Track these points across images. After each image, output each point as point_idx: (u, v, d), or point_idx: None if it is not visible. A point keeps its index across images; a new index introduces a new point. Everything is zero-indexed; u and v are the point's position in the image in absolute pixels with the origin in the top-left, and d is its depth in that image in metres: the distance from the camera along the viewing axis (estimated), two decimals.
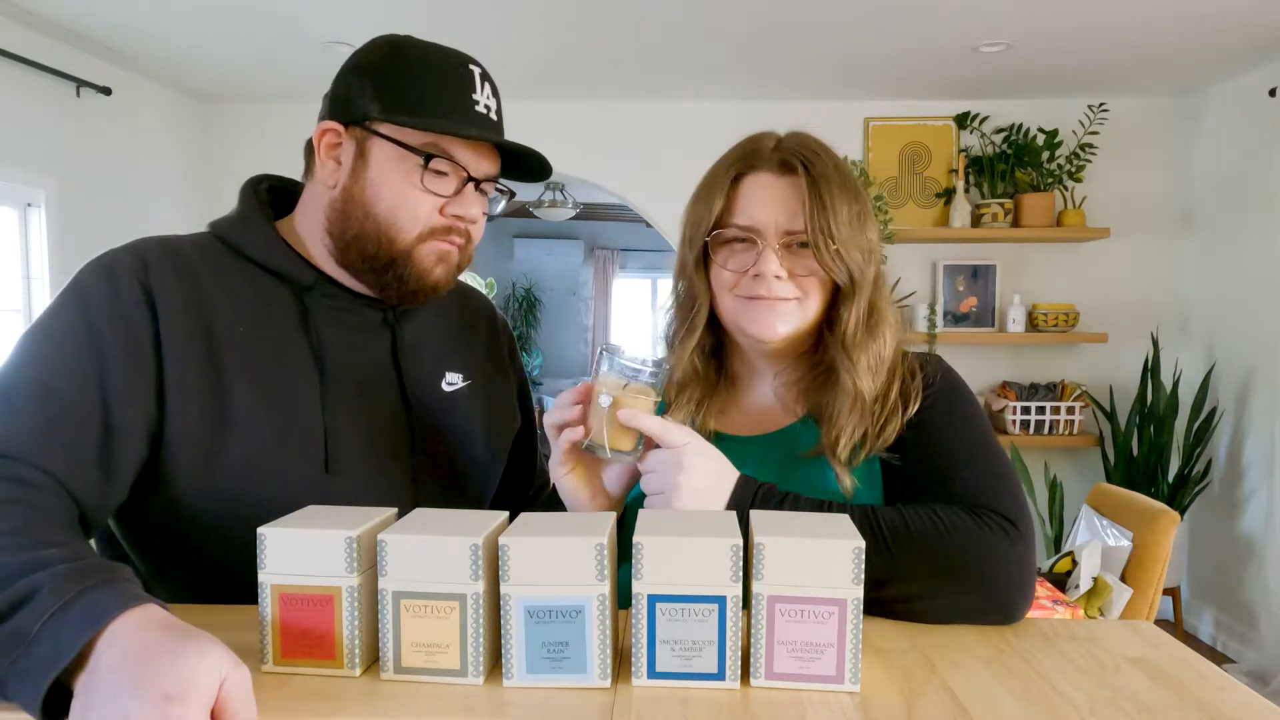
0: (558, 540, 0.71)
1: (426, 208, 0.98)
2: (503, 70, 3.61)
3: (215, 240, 1.03)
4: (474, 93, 1.00)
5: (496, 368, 1.22)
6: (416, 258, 0.99)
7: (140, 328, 0.92)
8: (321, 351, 1.01)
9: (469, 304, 1.23)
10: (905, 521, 0.87)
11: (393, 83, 0.98)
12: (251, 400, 0.95)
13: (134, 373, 0.90)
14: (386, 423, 1.05)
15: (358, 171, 0.99)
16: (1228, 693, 0.72)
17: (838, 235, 0.97)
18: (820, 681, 0.71)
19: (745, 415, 1.08)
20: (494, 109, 1.03)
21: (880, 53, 3.39)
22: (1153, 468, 3.74)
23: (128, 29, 3.16)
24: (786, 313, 1.00)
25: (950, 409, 1.00)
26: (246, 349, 0.97)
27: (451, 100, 0.98)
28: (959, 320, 4.05)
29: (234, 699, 0.60)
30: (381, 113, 0.97)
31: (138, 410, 0.90)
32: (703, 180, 1.05)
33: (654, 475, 0.88)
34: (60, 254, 3.26)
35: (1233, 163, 3.72)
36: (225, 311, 0.97)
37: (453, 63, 1.00)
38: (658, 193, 4.11)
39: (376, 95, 0.98)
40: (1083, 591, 1.83)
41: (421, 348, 1.11)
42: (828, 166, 0.99)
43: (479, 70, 1.02)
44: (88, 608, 0.63)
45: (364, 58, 1.01)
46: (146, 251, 0.97)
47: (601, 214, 8.28)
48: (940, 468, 0.95)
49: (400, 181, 0.97)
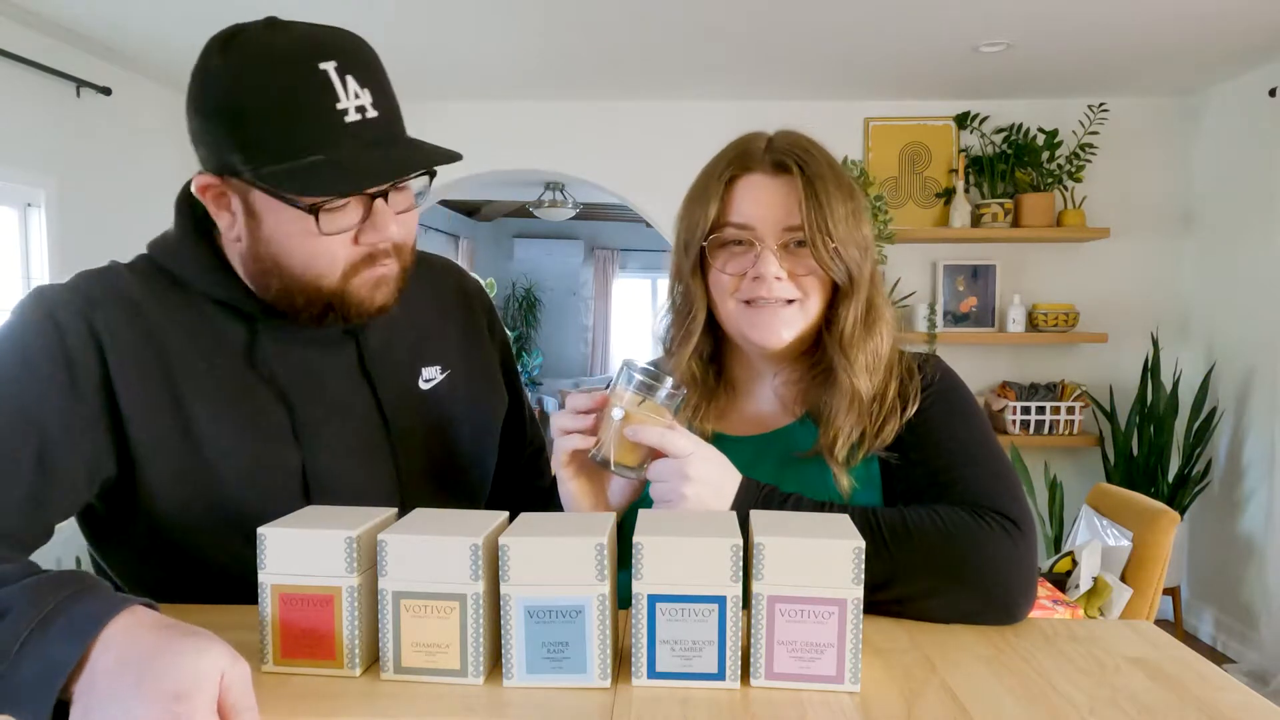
0: (558, 540, 0.71)
1: (339, 248, 0.89)
2: (503, 70, 3.64)
3: (155, 266, 0.96)
4: (337, 101, 0.84)
5: (476, 345, 1.16)
6: (351, 293, 0.92)
7: (85, 369, 0.87)
8: (280, 383, 0.95)
9: (437, 283, 1.15)
10: (905, 522, 0.87)
11: (243, 125, 0.85)
12: (222, 440, 0.91)
13: (76, 417, 0.85)
14: (364, 438, 1.00)
15: (253, 229, 0.90)
16: (1228, 693, 0.72)
17: (835, 233, 0.97)
18: (820, 681, 0.71)
19: (744, 416, 1.08)
20: (368, 103, 0.86)
21: (880, 53, 3.39)
22: (1153, 468, 3.74)
23: (128, 29, 3.16)
24: (789, 318, 0.99)
25: (950, 408, 1.00)
26: (206, 385, 0.92)
27: (316, 126, 0.84)
28: (959, 320, 4.05)
29: (234, 692, 0.61)
30: (245, 163, 0.85)
31: (79, 455, 0.85)
32: (695, 184, 1.04)
33: (661, 485, 0.88)
34: (60, 254, 3.26)
35: (1233, 163, 3.72)
36: (179, 346, 0.92)
37: (302, 71, 0.84)
38: (658, 193, 4.11)
39: (233, 144, 0.86)
40: (1083, 591, 1.83)
41: (391, 349, 1.05)
42: (821, 164, 0.99)
43: (334, 64, 0.85)
44: (73, 619, 0.63)
45: (206, 92, 0.87)
46: (89, 289, 0.91)
47: (601, 214, 8.28)
48: (940, 467, 0.95)
49: (299, 235, 0.88)
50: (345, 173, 0.85)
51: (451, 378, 1.10)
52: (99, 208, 3.48)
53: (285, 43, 0.85)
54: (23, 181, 3.14)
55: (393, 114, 0.91)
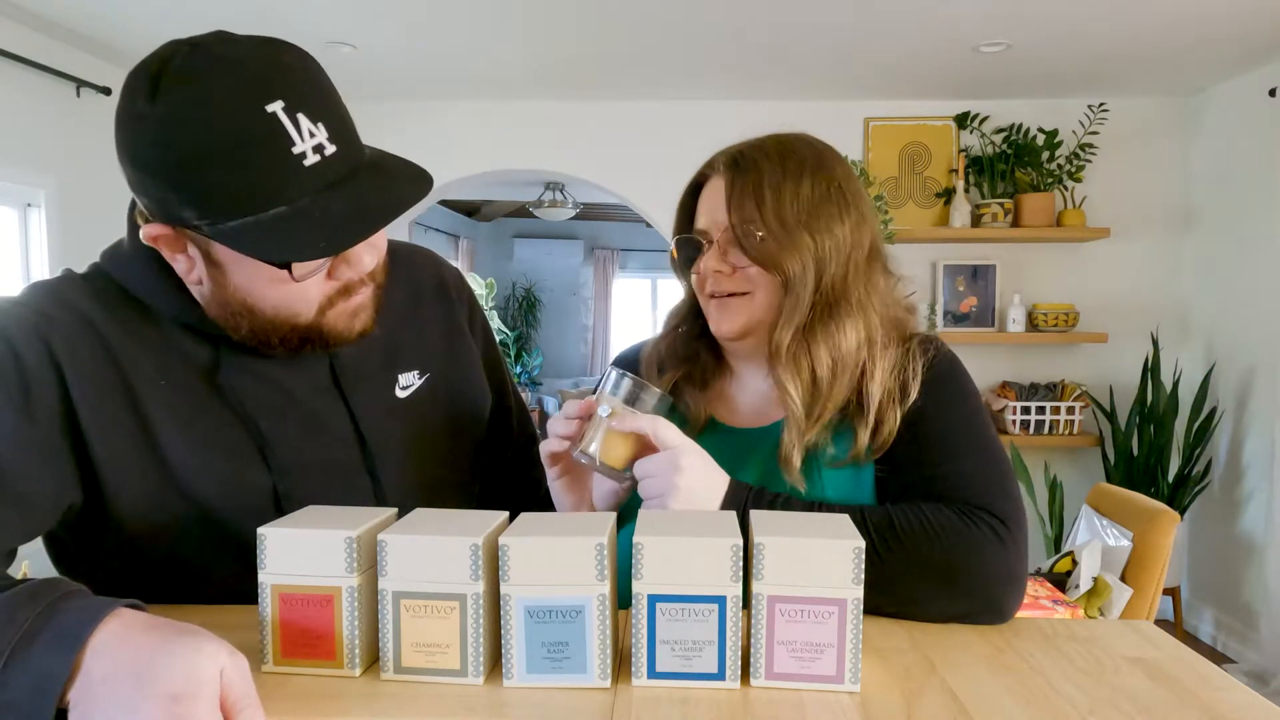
0: (558, 540, 0.71)
1: (314, 289, 0.86)
2: (503, 70, 3.64)
3: (111, 281, 0.91)
4: (292, 146, 0.77)
5: (457, 341, 1.12)
6: (328, 325, 0.89)
7: (43, 394, 0.82)
8: (243, 403, 0.91)
9: (413, 279, 1.10)
10: (894, 524, 0.87)
11: (190, 179, 0.77)
12: (190, 460, 0.88)
13: (33, 442, 0.81)
14: (338, 455, 0.96)
15: (216, 277, 0.85)
16: (1228, 693, 0.72)
17: (766, 223, 0.97)
18: (820, 681, 0.71)
19: (740, 406, 1.09)
20: (324, 138, 0.79)
21: (880, 53, 3.39)
22: (1153, 468, 3.74)
23: (128, 29, 3.16)
24: (735, 309, 1.01)
25: (939, 400, 0.97)
26: (170, 404, 0.88)
27: (272, 174, 0.77)
28: (959, 320, 4.05)
29: (236, 688, 0.60)
30: (200, 218, 0.79)
31: (34, 480, 0.81)
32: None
33: (651, 480, 0.88)
34: (60, 254, 3.26)
35: (1233, 163, 3.72)
36: (139, 363, 0.88)
37: (244, 120, 0.76)
38: (658, 193, 4.11)
39: (181, 199, 0.79)
40: (1083, 591, 1.83)
41: (365, 358, 1.00)
42: (764, 156, 0.99)
43: (281, 104, 0.76)
44: (59, 630, 0.62)
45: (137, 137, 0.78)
46: (45, 305, 0.86)
47: (601, 214, 8.29)
48: (928, 461, 0.94)
49: (269, 284, 0.84)
50: (317, 227, 0.78)
51: (431, 381, 1.06)
52: (99, 208, 3.48)
53: (224, 85, 0.76)
54: (22, 181, 3.14)
55: (349, 140, 0.82)
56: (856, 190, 1.02)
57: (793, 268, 0.97)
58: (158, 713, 0.57)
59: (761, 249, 0.97)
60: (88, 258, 0.94)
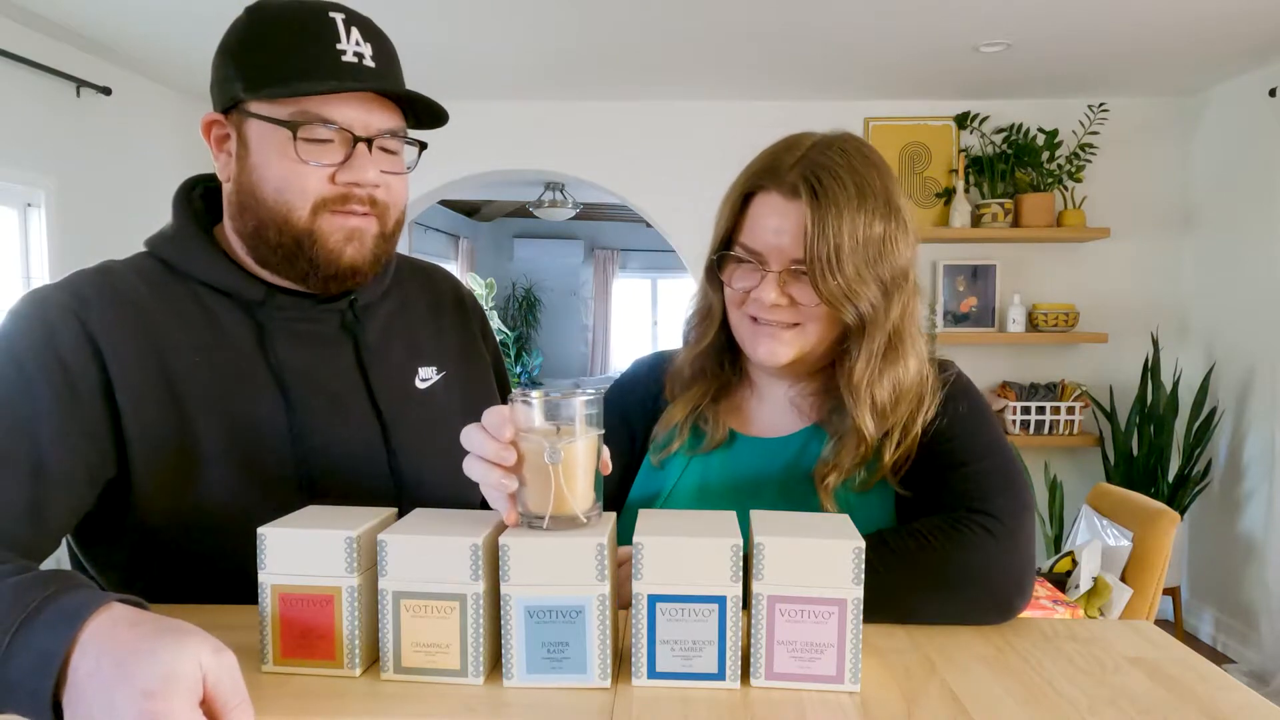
0: (558, 540, 0.71)
1: (314, 180, 0.91)
2: (503, 70, 3.64)
3: (155, 261, 0.97)
4: (338, 42, 0.91)
5: (471, 351, 1.17)
6: (320, 237, 0.92)
7: (80, 372, 0.87)
8: (283, 374, 0.96)
9: (435, 289, 1.17)
10: (885, 541, 0.87)
11: (251, 55, 0.92)
12: (218, 435, 0.92)
13: (71, 421, 0.85)
14: (360, 437, 1.00)
15: (242, 159, 0.93)
16: (1228, 693, 0.72)
17: (843, 271, 0.92)
18: (820, 681, 0.71)
19: (759, 417, 1.08)
20: (368, 54, 0.92)
21: (880, 53, 3.39)
22: (1153, 468, 3.74)
23: (128, 29, 3.16)
24: (789, 340, 0.98)
25: (950, 420, 0.98)
26: (204, 379, 0.93)
27: (314, 57, 0.90)
28: (959, 320, 4.05)
29: (222, 687, 0.59)
30: (246, 89, 0.91)
31: (77, 459, 0.85)
32: (730, 187, 1.02)
33: None
34: (60, 254, 3.26)
35: (1233, 163, 3.72)
36: (176, 341, 0.93)
37: (311, 14, 0.92)
38: (658, 193, 4.10)
39: (240, 73, 0.92)
40: (1083, 591, 1.83)
41: (388, 347, 1.06)
42: (842, 188, 0.93)
43: (343, 15, 0.93)
44: (62, 608, 0.63)
45: (227, 35, 0.95)
46: (83, 287, 0.91)
47: (601, 214, 8.29)
48: (945, 478, 0.95)
49: (278, 159, 0.91)
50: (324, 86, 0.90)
51: (447, 379, 1.11)
52: (99, 208, 3.48)
53: (301, 3, 0.94)
54: (22, 181, 3.13)
55: (391, 68, 0.96)
56: (911, 217, 0.99)
57: (864, 310, 0.94)
58: (132, 710, 0.56)
59: (834, 291, 0.93)
60: (88, 258, 0.96)
